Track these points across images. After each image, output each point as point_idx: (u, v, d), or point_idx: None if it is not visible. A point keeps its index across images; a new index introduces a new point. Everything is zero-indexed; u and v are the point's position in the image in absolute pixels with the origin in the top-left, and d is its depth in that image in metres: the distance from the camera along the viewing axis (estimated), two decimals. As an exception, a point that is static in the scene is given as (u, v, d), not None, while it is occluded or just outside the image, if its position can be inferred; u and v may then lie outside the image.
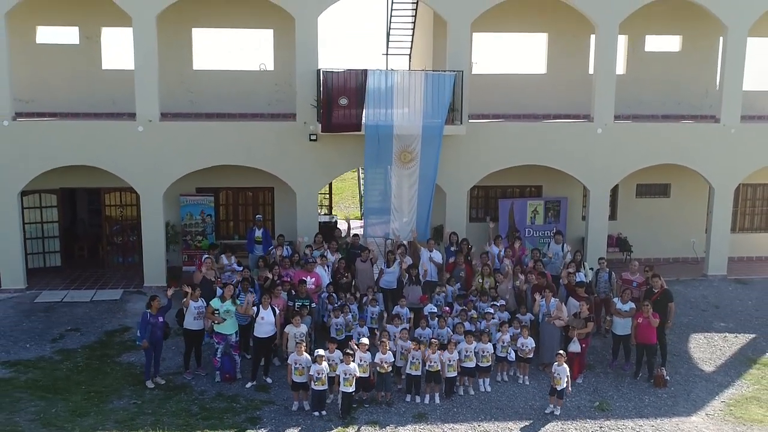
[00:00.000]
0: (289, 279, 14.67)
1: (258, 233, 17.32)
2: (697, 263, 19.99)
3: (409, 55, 23.11)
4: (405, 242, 17.22)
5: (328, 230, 18.75)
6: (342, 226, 19.13)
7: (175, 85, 18.63)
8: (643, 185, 20.31)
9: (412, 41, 22.72)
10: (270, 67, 19.63)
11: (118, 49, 18.88)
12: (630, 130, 18.44)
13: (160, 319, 12.95)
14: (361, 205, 27.25)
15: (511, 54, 20.65)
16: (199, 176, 17.89)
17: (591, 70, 18.97)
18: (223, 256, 15.81)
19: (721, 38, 19.14)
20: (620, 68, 19.46)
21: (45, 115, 18.40)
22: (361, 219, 25.80)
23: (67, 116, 18.41)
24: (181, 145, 17.14)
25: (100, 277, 18.48)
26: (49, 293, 17.23)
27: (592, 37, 18.59)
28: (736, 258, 20.40)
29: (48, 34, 18.87)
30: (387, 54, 22.95)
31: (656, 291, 14.20)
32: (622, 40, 19.75)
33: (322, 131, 16.66)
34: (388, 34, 22.45)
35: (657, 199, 20.52)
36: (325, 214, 22.99)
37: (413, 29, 22.28)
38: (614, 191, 19.38)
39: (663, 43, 20.61)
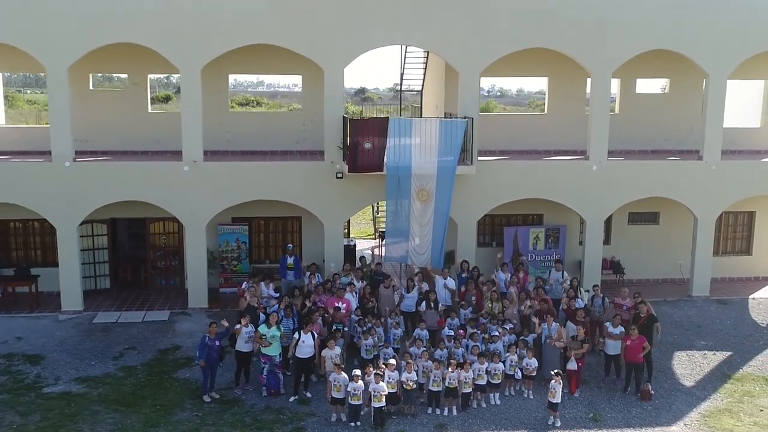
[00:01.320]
0: (323, 305, 16.77)
1: (289, 260, 19.41)
2: (684, 283, 21.93)
3: (421, 91, 25.20)
4: (418, 268, 19.30)
5: (347, 253, 20.83)
6: (366, 252, 21.06)
7: (213, 125, 20.62)
8: (634, 213, 22.35)
9: (423, 80, 24.78)
10: (298, 108, 21.68)
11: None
12: (622, 167, 20.41)
13: (217, 342, 15.01)
14: (374, 223, 29.34)
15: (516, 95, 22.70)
16: (234, 207, 19.82)
17: (587, 110, 20.95)
18: (262, 283, 17.85)
19: (704, 80, 21.12)
20: (613, 108, 21.53)
21: (98, 153, 20.52)
22: (374, 237, 27.99)
23: (116, 154, 20.54)
24: (223, 182, 19.14)
25: (146, 299, 20.50)
26: (105, 314, 19.25)
27: (589, 79, 20.53)
28: (719, 278, 22.42)
29: (100, 81, 20.98)
30: (401, 91, 25.04)
31: (643, 316, 16.32)
32: (615, 83, 21.83)
33: (348, 172, 18.64)
34: (401, 75, 24.53)
35: (647, 226, 22.58)
36: (344, 237, 24.94)
37: (425, 70, 24.34)
38: (608, 218, 21.30)
39: (652, 86, 22.68)
